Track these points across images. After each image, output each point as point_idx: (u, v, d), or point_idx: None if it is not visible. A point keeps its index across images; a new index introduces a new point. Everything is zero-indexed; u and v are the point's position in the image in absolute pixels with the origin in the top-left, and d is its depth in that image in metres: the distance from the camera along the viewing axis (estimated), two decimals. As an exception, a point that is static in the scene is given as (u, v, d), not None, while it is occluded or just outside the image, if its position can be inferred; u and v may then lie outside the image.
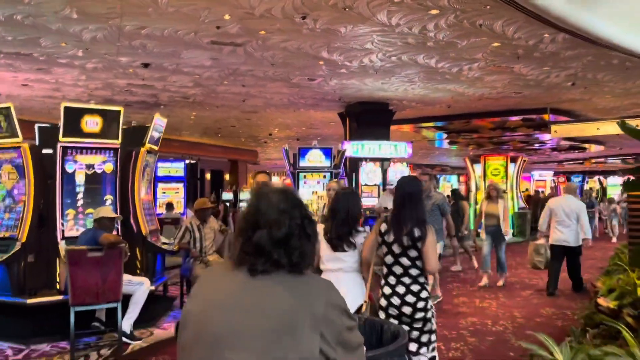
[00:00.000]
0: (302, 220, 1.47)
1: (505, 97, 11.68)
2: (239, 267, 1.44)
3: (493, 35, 7.14)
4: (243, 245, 1.44)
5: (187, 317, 1.45)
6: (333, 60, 8.45)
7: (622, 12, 6.77)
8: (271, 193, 1.51)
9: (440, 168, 37.79)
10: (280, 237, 1.42)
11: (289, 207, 1.47)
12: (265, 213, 1.45)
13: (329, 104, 12.41)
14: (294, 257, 1.42)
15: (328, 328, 1.36)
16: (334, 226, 3.40)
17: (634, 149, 25.51)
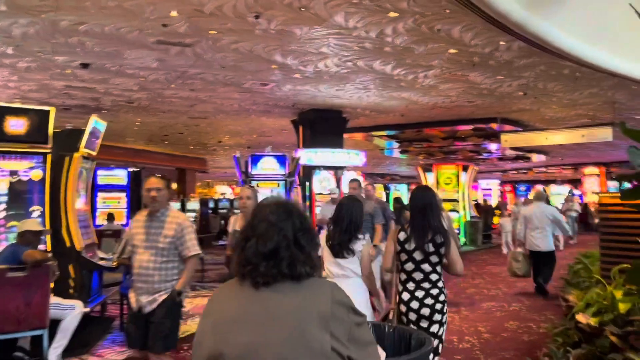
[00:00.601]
0: (295, 232, 1.49)
1: (458, 106, 11.70)
2: (242, 281, 1.49)
3: (451, 41, 7.01)
4: (238, 259, 1.50)
5: (202, 335, 1.49)
6: (287, 64, 8.12)
7: (578, 21, 6.79)
8: (266, 206, 1.56)
9: (390, 177, 38.15)
10: (267, 250, 1.46)
11: (280, 220, 1.49)
12: (256, 226, 1.51)
13: (282, 110, 12.07)
14: (283, 267, 1.45)
15: (337, 326, 1.39)
16: (337, 233, 3.53)
17: (574, 158, 26.55)
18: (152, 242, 3.51)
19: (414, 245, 3.17)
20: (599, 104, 11.56)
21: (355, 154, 12.17)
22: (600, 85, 9.69)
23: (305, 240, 1.51)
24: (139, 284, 3.54)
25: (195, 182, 25.75)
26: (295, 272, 1.46)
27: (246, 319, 1.42)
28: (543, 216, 7.58)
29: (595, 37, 7.40)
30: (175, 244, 3.53)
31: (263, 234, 1.49)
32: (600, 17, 7.13)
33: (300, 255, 1.49)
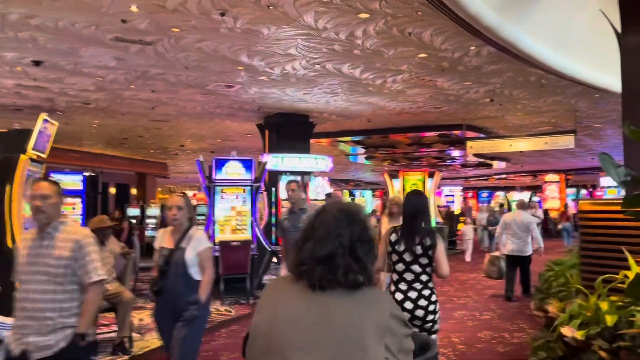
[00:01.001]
0: (351, 241, 1.47)
1: (425, 112, 11.68)
2: (298, 280, 1.48)
3: (421, 45, 6.91)
4: (296, 258, 1.50)
5: (257, 330, 1.48)
6: (253, 65, 7.86)
7: (545, 28, 6.80)
8: (330, 210, 1.55)
9: (354, 183, 38.17)
10: (322, 255, 1.45)
11: (339, 226, 1.48)
12: (316, 229, 1.51)
13: (247, 114, 11.77)
14: (338, 275, 1.43)
15: (391, 338, 1.41)
16: None
17: (534, 166, 27.16)
18: (42, 266, 2.73)
19: (404, 247, 3.29)
20: (561, 112, 11.75)
21: (322, 160, 11.98)
22: (564, 93, 9.82)
23: (362, 251, 1.49)
24: (25, 321, 2.72)
25: (155, 188, 25.03)
26: (350, 281, 1.44)
27: (303, 319, 1.42)
28: (522, 223, 7.96)
29: (561, 44, 7.45)
30: (72, 267, 2.75)
31: (321, 239, 1.48)
32: (567, 24, 7.17)
33: (355, 265, 1.46)
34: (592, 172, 29.48)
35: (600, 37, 7.82)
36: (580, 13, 6.92)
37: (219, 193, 8.16)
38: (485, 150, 12.93)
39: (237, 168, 8.08)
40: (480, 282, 9.34)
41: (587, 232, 3.54)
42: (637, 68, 5.15)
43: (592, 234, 3.50)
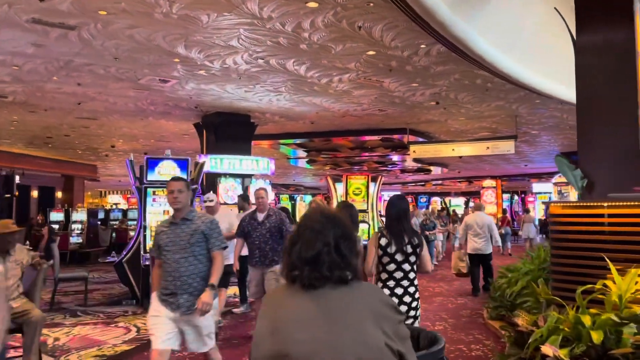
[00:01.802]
0: (336, 239, 1.58)
1: (369, 115, 11.44)
2: (292, 285, 1.58)
3: (370, 41, 6.60)
4: (286, 263, 1.61)
5: (261, 334, 1.56)
6: (191, 58, 7.27)
7: (496, 29, 6.67)
8: (313, 215, 1.67)
9: (294, 187, 37.77)
10: (309, 255, 1.55)
11: (323, 228, 1.61)
12: (302, 234, 1.62)
13: (184, 112, 11.08)
14: (324, 270, 1.53)
15: (386, 323, 1.51)
16: None
17: (470, 172, 27.85)
18: None
19: (395, 248, 3.45)
20: (502, 117, 11.86)
21: (264, 162, 11.47)
22: (507, 97, 9.86)
23: (345, 247, 1.59)
24: None
25: (84, 191, 23.51)
26: (335, 276, 1.53)
27: (305, 319, 1.50)
28: (483, 223, 8.61)
29: (510, 46, 7.38)
30: None
31: (307, 241, 1.58)
32: (516, 26, 7.10)
33: (340, 261, 1.56)
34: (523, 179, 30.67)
35: (547, 42, 7.86)
36: (530, 15, 6.86)
37: (151, 195, 7.47)
38: (428, 155, 12.88)
39: (171, 168, 7.43)
40: (427, 288, 9.15)
41: (559, 238, 3.28)
42: (591, 67, 5.05)
43: (564, 239, 3.24)
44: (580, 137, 5.09)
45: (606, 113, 4.92)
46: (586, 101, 5.07)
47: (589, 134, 5.05)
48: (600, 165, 4.87)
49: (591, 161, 4.90)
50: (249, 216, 5.80)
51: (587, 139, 5.04)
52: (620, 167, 4.77)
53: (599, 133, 4.98)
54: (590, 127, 5.04)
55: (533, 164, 23.01)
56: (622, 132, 4.80)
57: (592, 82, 5.06)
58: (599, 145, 4.95)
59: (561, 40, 7.69)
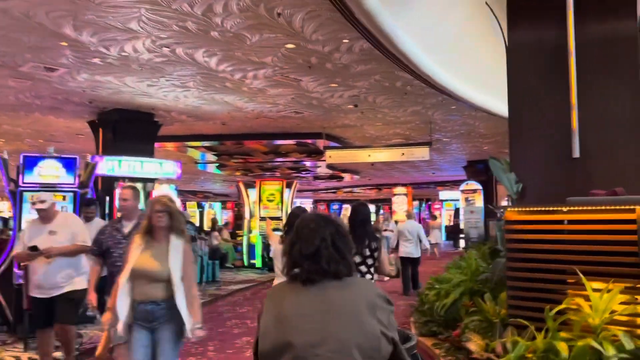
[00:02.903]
0: (332, 236, 1.76)
1: (284, 117, 10.87)
2: (292, 281, 1.76)
3: (290, 32, 6.02)
4: (287, 262, 1.79)
5: (266, 328, 1.71)
6: (81, 42, 6.28)
7: (422, 27, 6.37)
8: (308, 217, 1.86)
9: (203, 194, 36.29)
10: (309, 252, 1.73)
11: (319, 226, 1.79)
12: (300, 232, 1.80)
13: (77, 108, 9.84)
14: (323, 264, 1.70)
15: (381, 313, 1.66)
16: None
17: (381, 179, 28.21)
18: None
19: (354, 251, 3.46)
20: (417, 123, 11.80)
21: (169, 165, 10.48)
22: (424, 102, 9.72)
23: (341, 243, 1.76)
24: None
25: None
26: (333, 269, 1.70)
27: (307, 312, 1.65)
28: (413, 230, 9.58)
29: (433, 47, 7.13)
30: None
31: (306, 238, 1.76)
32: (439, 25, 6.86)
33: (336, 255, 1.73)
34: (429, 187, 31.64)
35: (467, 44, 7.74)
36: (454, 15, 6.64)
37: (29, 201, 6.32)
38: (344, 161, 12.55)
39: (54, 169, 6.33)
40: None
41: (516, 249, 2.87)
42: (523, 67, 4.83)
43: (522, 250, 2.84)
44: (513, 139, 4.85)
45: (539, 115, 4.71)
46: (518, 102, 4.84)
47: (521, 136, 4.83)
48: (534, 169, 4.64)
49: (524, 165, 4.67)
50: (110, 226, 4.30)
51: (519, 141, 4.81)
52: (553, 171, 4.56)
53: (532, 136, 4.77)
54: (522, 129, 4.82)
55: (441, 172, 23.66)
56: (555, 134, 4.60)
57: (524, 83, 4.84)
58: (531, 149, 4.73)
59: (481, 43, 7.62)
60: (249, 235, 13.08)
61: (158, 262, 3.35)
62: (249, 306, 8.86)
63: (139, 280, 3.33)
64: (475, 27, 6.98)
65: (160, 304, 3.30)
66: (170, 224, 3.43)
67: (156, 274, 3.33)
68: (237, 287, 9.48)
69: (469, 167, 19.78)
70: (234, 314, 8.29)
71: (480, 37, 7.50)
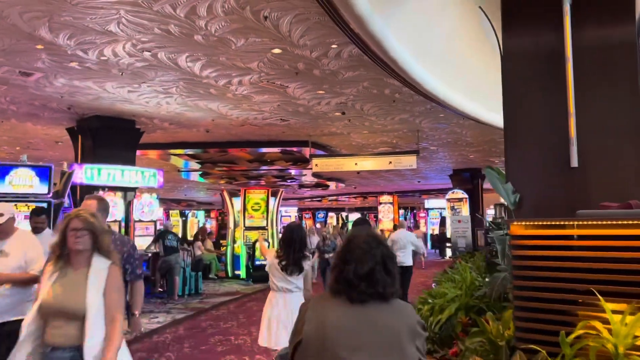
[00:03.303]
0: (383, 258, 1.82)
1: (270, 125, 10.64)
2: (336, 296, 1.80)
3: (277, 36, 5.82)
4: (336, 278, 1.82)
5: (309, 337, 1.76)
6: (58, 45, 6.00)
7: (412, 32, 6.22)
8: (359, 236, 1.87)
9: (186, 203, 35.83)
10: (364, 272, 1.77)
11: (372, 247, 1.83)
12: (352, 252, 1.82)
13: (55, 115, 9.51)
14: (379, 288, 1.76)
15: (419, 340, 1.75)
16: (292, 254, 4.03)
17: (366, 187, 28.09)
18: None
19: None
20: (404, 131, 11.66)
21: (150, 173, 10.18)
22: (413, 110, 9.58)
23: (391, 265, 1.82)
24: None
25: None
26: (387, 292, 1.77)
27: (350, 326, 1.72)
28: (406, 239, 9.47)
29: (423, 53, 6.97)
30: None
31: (360, 259, 1.79)
32: (430, 30, 6.72)
33: (388, 279, 1.79)
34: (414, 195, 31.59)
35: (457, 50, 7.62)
36: (445, 19, 6.50)
37: (1, 211, 6.01)
38: (331, 169, 12.33)
39: (27, 178, 6.03)
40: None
41: (524, 266, 2.65)
42: (519, 73, 4.67)
43: (530, 267, 2.63)
44: (508, 148, 4.68)
45: (535, 123, 4.54)
46: (514, 109, 4.67)
47: (517, 144, 4.65)
48: (531, 179, 4.47)
49: (520, 174, 4.50)
50: None
51: (515, 150, 4.64)
52: (551, 180, 4.39)
53: (528, 144, 4.60)
54: (518, 137, 4.65)
55: (426, 180, 23.61)
56: (552, 143, 4.44)
57: (519, 89, 4.67)
58: (528, 157, 4.56)
59: (472, 49, 7.50)
60: (233, 245, 12.77)
61: (72, 295, 2.62)
62: (233, 320, 8.56)
63: (50, 319, 2.62)
64: (467, 32, 6.85)
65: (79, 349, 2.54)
66: (92, 246, 2.73)
67: (69, 310, 2.59)
68: (221, 299, 9.18)
69: (454, 176, 19.74)
70: (217, 330, 7.98)
71: (472, 42, 7.37)
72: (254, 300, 9.59)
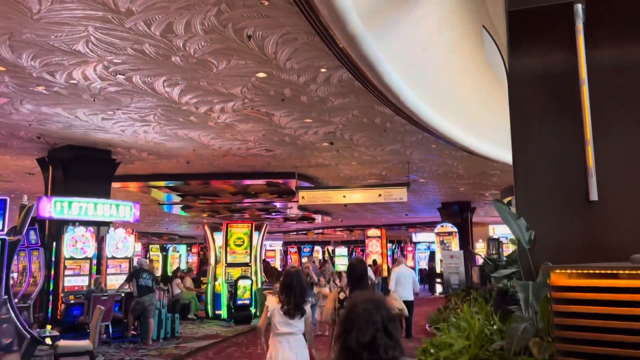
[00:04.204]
0: (384, 323, 1.83)
1: (254, 156, 10.14)
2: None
3: (262, 58, 5.38)
4: (341, 348, 1.84)
5: None
6: (21, 66, 5.49)
7: (406, 56, 5.83)
8: (359, 302, 1.89)
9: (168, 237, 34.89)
10: (366, 340, 1.79)
11: (372, 314, 1.84)
12: (354, 321, 1.84)
13: (24, 144, 8.93)
14: (381, 353, 1.78)
15: None
16: (293, 298, 4.16)
17: (353, 220, 27.56)
18: None
19: None
20: (394, 163, 11.24)
21: (126, 206, 9.56)
22: (403, 140, 9.17)
23: (393, 329, 1.84)
24: None
25: None
26: (389, 356, 1.79)
27: None
28: (407, 275, 9.74)
29: (416, 79, 6.61)
30: None
31: (361, 327, 1.81)
32: (424, 56, 6.35)
33: (390, 342, 1.81)
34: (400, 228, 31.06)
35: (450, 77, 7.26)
36: (439, 43, 6.14)
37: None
38: (318, 202, 11.81)
39: (-22, 212, 5.41)
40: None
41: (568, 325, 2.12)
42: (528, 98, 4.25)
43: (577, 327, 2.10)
44: (518, 179, 4.22)
45: (548, 152, 4.10)
46: (523, 138, 4.23)
47: (528, 176, 4.20)
48: (545, 215, 4.00)
49: (533, 210, 4.03)
50: None
51: (526, 182, 4.18)
52: (568, 216, 3.93)
53: (541, 175, 4.15)
54: (529, 167, 4.20)
55: (414, 213, 23.17)
56: (568, 174, 3.99)
57: (528, 113, 4.25)
58: (541, 191, 4.10)
59: (469, 73, 7.15)
60: (214, 283, 12.07)
61: None
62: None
63: None
64: (463, 56, 6.51)
65: None
66: None
67: None
68: (200, 344, 8.46)
69: (443, 209, 19.33)
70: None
71: (468, 67, 7.04)
72: (235, 345, 8.88)
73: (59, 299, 8.42)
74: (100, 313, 5.92)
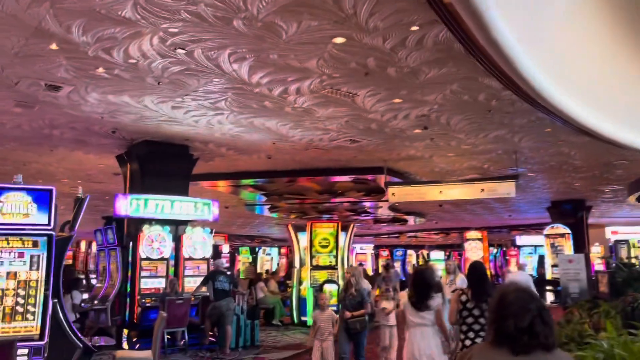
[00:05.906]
0: (540, 311, 1.95)
1: (338, 148, 9.20)
2: (499, 347, 1.96)
3: (338, 16, 4.41)
4: (496, 332, 1.98)
5: None
6: (74, 43, 4.94)
7: (518, 8, 4.56)
8: (512, 291, 2.02)
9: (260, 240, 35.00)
10: (524, 325, 1.92)
11: (527, 302, 1.97)
12: (508, 307, 1.97)
13: (103, 141, 8.65)
14: (541, 339, 1.91)
15: None
16: (417, 293, 4.76)
17: (449, 223, 25.74)
18: None
19: (474, 304, 4.28)
20: (498, 153, 9.79)
21: (204, 205, 9.02)
22: (511, 124, 7.78)
23: (547, 317, 1.95)
24: None
25: None
26: (549, 342, 1.92)
27: None
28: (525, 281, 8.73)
29: (530, 40, 5.33)
30: None
31: (517, 314, 1.93)
32: (538, 11, 5.06)
33: (547, 330, 1.93)
34: (501, 231, 28.64)
35: (577, 37, 5.85)
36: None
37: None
38: (410, 199, 10.61)
39: (22, 205, 4.89)
40: None
41: None
42: None
43: None
44: None
45: None
46: None
47: None
48: None
49: None
50: None
51: None
52: None
53: None
54: None
55: (518, 214, 21.08)
56: None
57: None
58: None
59: (596, 34, 5.70)
60: (299, 287, 11.28)
61: None
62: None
63: None
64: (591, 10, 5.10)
65: None
66: None
67: None
68: (281, 355, 7.65)
69: (553, 208, 17.22)
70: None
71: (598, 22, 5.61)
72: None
73: (135, 302, 8.00)
74: (162, 320, 5.27)
